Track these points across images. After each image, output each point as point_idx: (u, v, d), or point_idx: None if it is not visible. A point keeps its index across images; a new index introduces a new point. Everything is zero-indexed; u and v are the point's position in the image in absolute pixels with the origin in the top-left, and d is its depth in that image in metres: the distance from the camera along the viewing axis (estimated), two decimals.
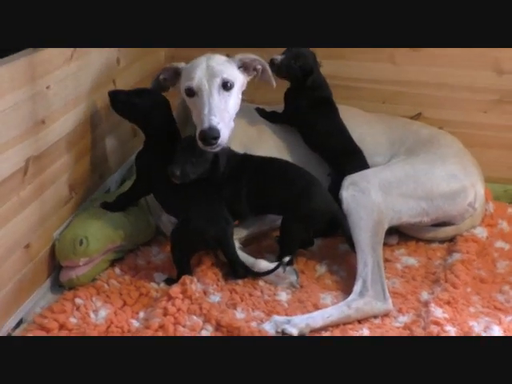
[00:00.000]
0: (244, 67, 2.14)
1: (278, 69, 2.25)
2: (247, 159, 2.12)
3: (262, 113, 2.40)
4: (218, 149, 1.98)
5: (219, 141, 1.95)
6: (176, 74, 2.13)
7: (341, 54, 2.65)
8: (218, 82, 2.01)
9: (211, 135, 1.93)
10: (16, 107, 1.74)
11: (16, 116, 1.74)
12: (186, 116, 2.17)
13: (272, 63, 2.23)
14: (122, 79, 2.41)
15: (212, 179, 2.03)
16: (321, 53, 2.54)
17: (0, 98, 1.66)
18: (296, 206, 2.04)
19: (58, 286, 2.02)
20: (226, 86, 2.03)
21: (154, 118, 2.06)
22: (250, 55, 2.15)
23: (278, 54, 2.27)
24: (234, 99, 2.07)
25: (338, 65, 2.64)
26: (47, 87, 1.89)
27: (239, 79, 2.10)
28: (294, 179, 2.08)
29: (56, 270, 2.03)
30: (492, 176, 2.41)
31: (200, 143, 1.96)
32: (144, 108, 2.05)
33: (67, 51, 1.98)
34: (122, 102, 2.07)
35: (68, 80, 2.01)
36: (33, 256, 1.91)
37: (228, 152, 2.06)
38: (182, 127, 2.17)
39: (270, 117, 2.39)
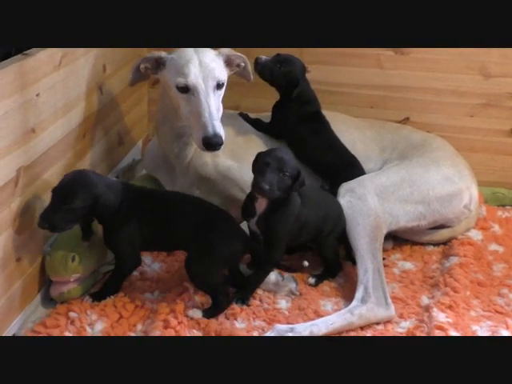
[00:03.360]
0: (228, 62, 2.10)
1: (261, 69, 2.22)
2: None
3: (246, 118, 2.35)
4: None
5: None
6: (158, 64, 2.06)
7: (327, 59, 2.64)
8: (213, 83, 1.98)
9: (217, 142, 1.90)
10: (6, 116, 1.67)
11: (6, 125, 1.67)
12: (168, 108, 2.10)
13: (256, 62, 2.21)
14: (108, 86, 2.36)
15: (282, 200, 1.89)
16: (307, 58, 2.53)
17: None
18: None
19: (49, 300, 1.95)
20: (219, 85, 2.01)
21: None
22: (235, 52, 2.11)
23: (265, 55, 2.24)
24: (221, 97, 2.04)
25: (324, 70, 2.63)
26: (37, 95, 1.82)
27: (226, 76, 2.07)
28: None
29: (46, 284, 1.96)
30: (479, 179, 2.41)
31: (202, 147, 1.94)
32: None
33: (56, 58, 1.92)
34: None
35: (57, 87, 1.95)
36: (24, 270, 1.84)
37: None
38: (166, 119, 2.13)
39: (254, 124, 2.34)
